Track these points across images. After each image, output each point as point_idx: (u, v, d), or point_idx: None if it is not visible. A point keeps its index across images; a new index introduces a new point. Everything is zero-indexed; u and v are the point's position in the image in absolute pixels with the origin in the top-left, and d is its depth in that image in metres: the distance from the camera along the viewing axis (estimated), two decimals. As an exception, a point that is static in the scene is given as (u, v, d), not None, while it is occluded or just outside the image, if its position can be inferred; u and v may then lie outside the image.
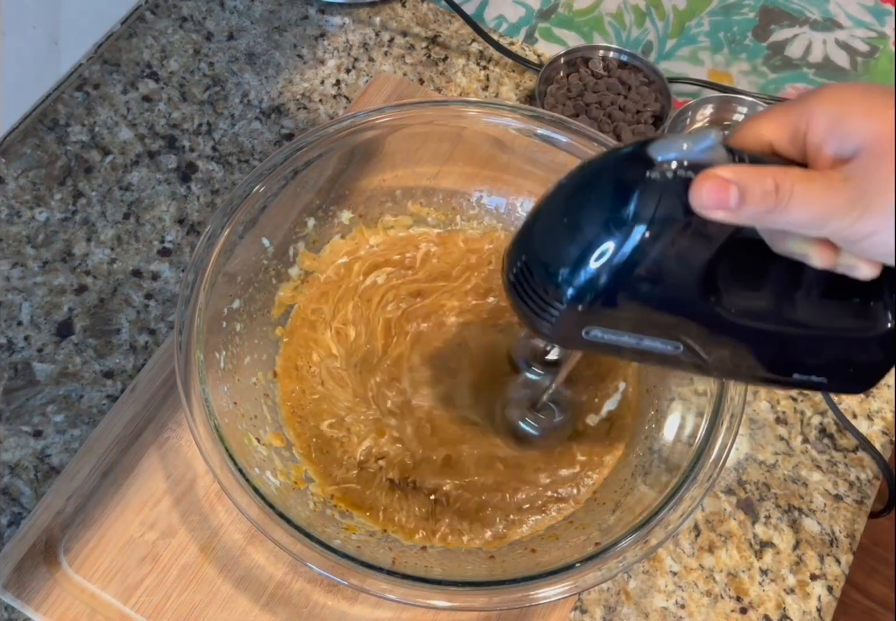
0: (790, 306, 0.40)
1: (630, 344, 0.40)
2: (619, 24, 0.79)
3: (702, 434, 0.51)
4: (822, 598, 0.57)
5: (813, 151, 0.36)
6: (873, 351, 0.42)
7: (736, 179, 0.34)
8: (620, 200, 0.36)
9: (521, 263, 0.40)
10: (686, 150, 0.35)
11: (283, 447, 0.56)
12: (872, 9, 0.80)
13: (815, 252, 0.37)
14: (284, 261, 0.60)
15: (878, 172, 0.34)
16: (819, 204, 0.34)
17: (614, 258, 0.36)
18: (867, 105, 0.35)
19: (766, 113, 0.38)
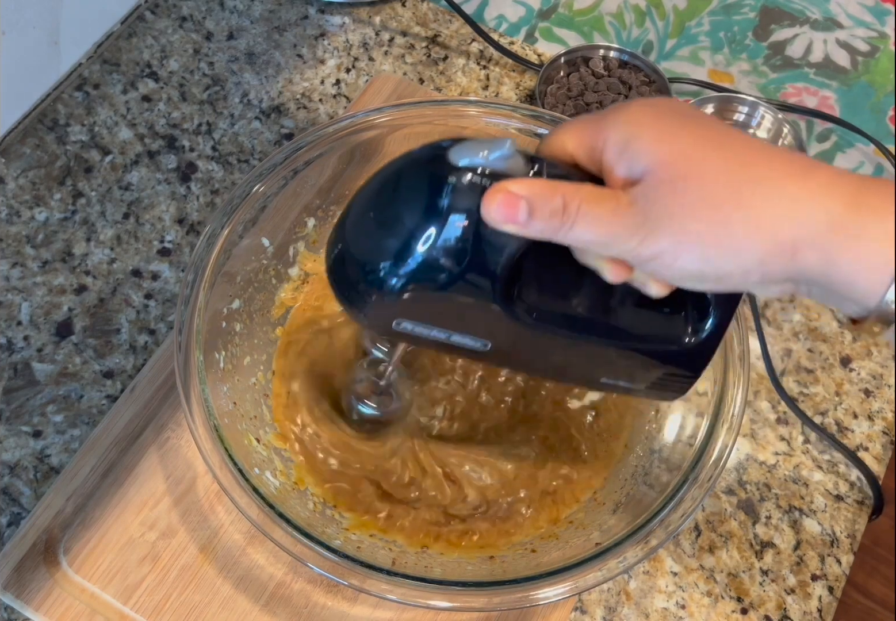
0: (596, 314, 0.41)
1: (440, 338, 0.42)
2: (620, 24, 0.78)
3: (702, 434, 0.51)
4: (823, 599, 0.57)
5: (607, 169, 0.36)
6: (678, 361, 0.43)
7: (526, 195, 0.34)
8: (421, 201, 0.37)
9: (337, 251, 0.41)
10: (482, 157, 0.36)
11: (283, 447, 0.56)
12: (873, 8, 0.80)
13: (608, 268, 0.37)
14: (284, 261, 0.60)
15: (662, 198, 0.34)
16: (603, 226, 0.34)
17: (416, 257, 0.38)
18: (658, 128, 0.35)
19: (571, 125, 0.38)
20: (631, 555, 0.48)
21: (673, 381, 0.44)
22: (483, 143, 0.37)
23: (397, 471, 0.56)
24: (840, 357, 0.64)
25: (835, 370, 0.64)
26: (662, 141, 0.34)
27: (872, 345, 0.65)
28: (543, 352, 0.43)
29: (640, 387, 0.45)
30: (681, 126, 0.35)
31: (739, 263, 0.34)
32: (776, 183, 0.33)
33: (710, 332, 0.41)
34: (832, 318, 0.66)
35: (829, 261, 0.33)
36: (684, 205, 0.34)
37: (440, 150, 0.38)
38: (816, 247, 0.33)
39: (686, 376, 0.44)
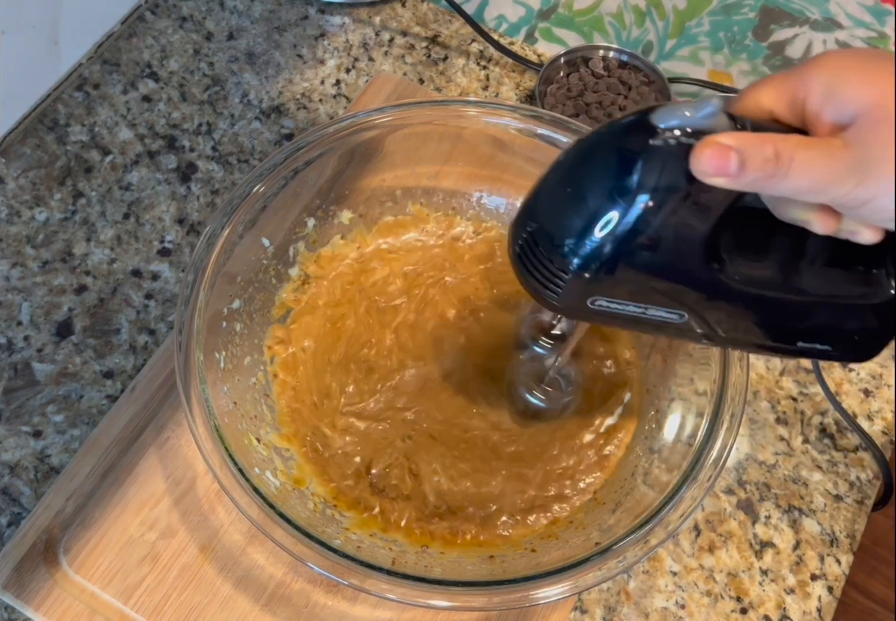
0: (795, 274, 0.41)
1: (635, 313, 0.41)
2: (620, 24, 0.79)
3: (702, 434, 0.51)
4: (823, 598, 0.57)
5: (812, 119, 0.36)
6: (876, 318, 0.42)
7: (737, 146, 0.34)
8: (623, 168, 0.36)
9: (527, 234, 0.40)
10: (688, 117, 0.35)
11: (283, 447, 0.56)
12: (872, 9, 0.80)
13: (817, 218, 0.37)
14: (284, 261, 0.60)
15: (876, 138, 0.34)
16: (819, 170, 0.34)
17: (619, 227, 0.36)
18: (864, 71, 0.35)
19: (765, 81, 0.38)
20: (630, 555, 0.48)
21: (869, 340, 0.43)
22: (684, 104, 0.36)
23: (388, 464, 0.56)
24: (840, 357, 0.64)
25: (835, 370, 0.64)
26: (870, 82, 0.34)
27: (872, 345, 0.65)
28: (741, 319, 0.42)
29: (836, 349, 0.44)
30: (885, 67, 0.35)
31: None
32: None
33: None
34: (832, 318, 0.66)
35: None
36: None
37: (641, 116, 0.36)
38: None
39: (882, 333, 0.43)
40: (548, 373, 0.57)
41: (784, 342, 0.44)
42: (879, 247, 0.38)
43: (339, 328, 0.60)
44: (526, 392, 0.58)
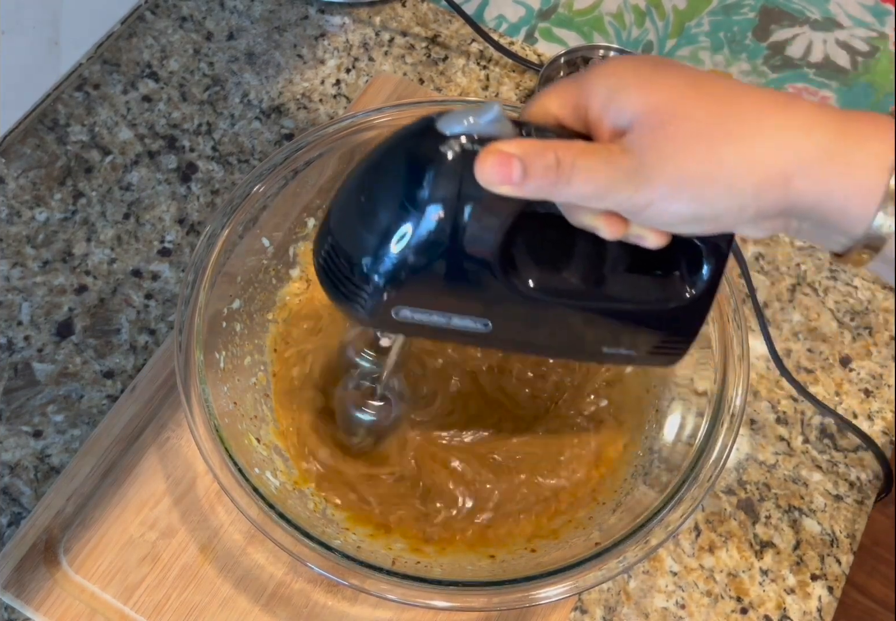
0: (595, 280, 0.41)
1: (441, 323, 0.41)
2: (620, 24, 0.79)
3: (702, 434, 0.51)
4: (823, 598, 0.57)
5: (594, 125, 0.36)
6: (676, 322, 0.43)
7: (519, 153, 0.34)
8: (411, 178, 0.37)
9: (327, 245, 0.40)
10: (471, 123, 0.35)
11: (283, 447, 0.56)
12: (872, 8, 0.80)
13: (604, 224, 0.37)
14: (284, 261, 0.60)
15: (652, 144, 0.34)
16: (599, 177, 0.34)
17: (411, 238, 0.37)
18: (641, 78, 0.35)
19: (553, 88, 0.38)
20: (631, 555, 0.48)
21: (672, 344, 0.44)
22: (468, 110, 0.36)
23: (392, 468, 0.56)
24: (840, 357, 0.64)
25: (834, 370, 0.64)
26: (645, 88, 0.35)
27: (872, 344, 0.65)
28: (544, 326, 0.43)
29: (640, 354, 0.45)
30: (662, 74, 0.36)
31: (735, 198, 0.34)
32: (762, 116, 0.34)
33: (705, 285, 0.41)
34: (832, 318, 0.66)
35: (821, 190, 0.33)
36: (676, 146, 0.34)
37: (427, 123, 0.37)
38: (808, 176, 0.33)
39: (684, 337, 0.44)
40: (377, 389, 0.55)
41: (589, 348, 0.45)
42: (674, 252, 0.39)
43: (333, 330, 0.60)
44: (355, 410, 0.56)
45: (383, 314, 0.40)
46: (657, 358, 0.45)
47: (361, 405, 0.56)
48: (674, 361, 0.46)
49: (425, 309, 0.40)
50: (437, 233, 0.37)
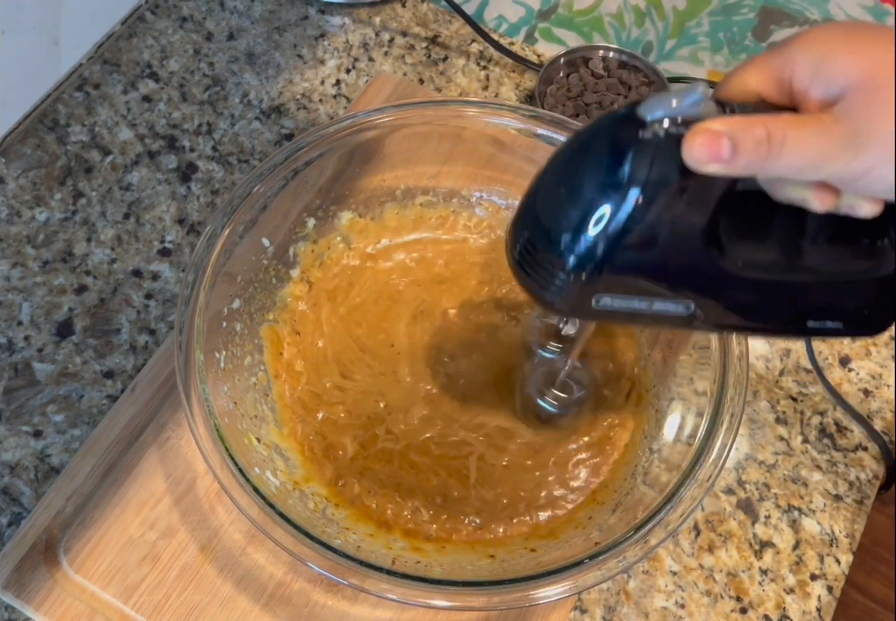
0: (798, 254, 0.40)
1: (641, 308, 0.40)
2: (619, 25, 0.79)
3: (702, 434, 0.51)
4: (822, 598, 0.57)
5: (800, 96, 0.36)
6: (884, 291, 0.42)
7: (727, 131, 0.34)
8: (615, 163, 0.36)
9: (524, 239, 0.40)
10: (675, 107, 0.35)
11: (284, 447, 0.56)
12: (872, 9, 0.80)
13: (815, 196, 0.37)
14: (284, 261, 0.60)
15: (867, 110, 0.34)
16: (812, 147, 0.34)
17: (615, 222, 0.36)
18: (849, 44, 0.35)
19: (750, 63, 0.38)
20: (630, 555, 0.48)
21: (878, 314, 0.43)
22: (670, 94, 0.35)
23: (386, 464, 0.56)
24: (839, 357, 0.64)
25: (834, 370, 0.64)
26: (856, 55, 0.34)
27: (872, 344, 0.65)
28: (747, 304, 0.42)
29: (847, 326, 0.43)
30: (870, 37, 0.35)
31: None
32: None
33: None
34: (831, 318, 0.66)
35: None
36: (892, 112, 0.33)
37: (627, 110, 0.36)
38: None
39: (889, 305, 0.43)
40: (559, 377, 0.57)
41: (794, 322, 0.43)
42: (881, 220, 0.38)
43: (338, 330, 0.60)
44: (538, 398, 0.58)
45: (584, 303, 0.40)
46: (863, 329, 0.44)
47: (544, 394, 0.57)
48: (880, 331, 0.44)
49: (627, 295, 0.40)
50: (640, 217, 0.36)
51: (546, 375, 0.58)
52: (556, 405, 0.58)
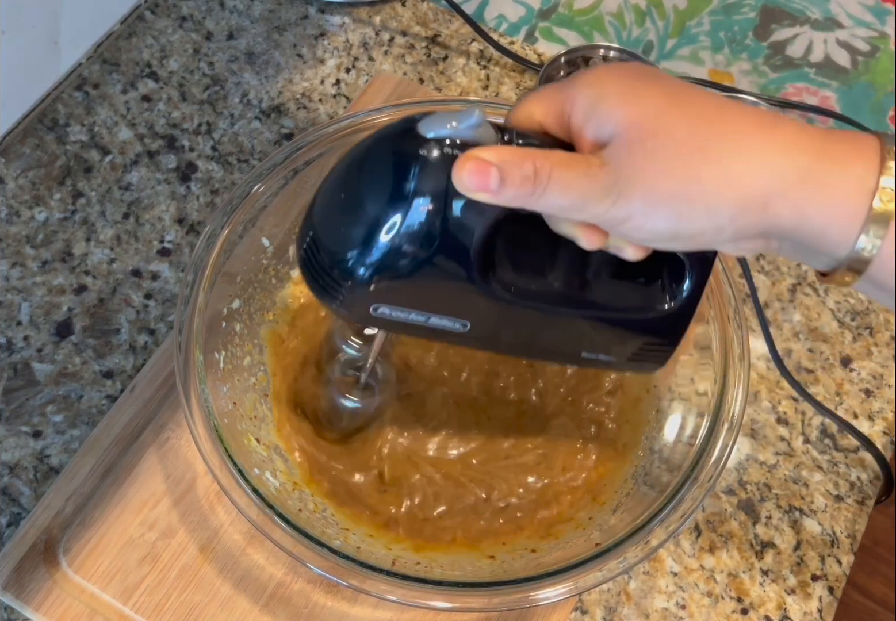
0: (574, 286, 0.41)
1: (419, 321, 0.41)
2: (620, 24, 0.78)
3: (702, 434, 0.51)
4: (823, 599, 0.57)
5: (576, 134, 0.36)
6: (657, 330, 0.43)
7: (497, 161, 0.34)
8: (391, 177, 0.37)
9: (309, 239, 0.40)
10: (452, 127, 0.36)
11: (283, 448, 0.56)
12: (873, 8, 0.80)
13: (582, 234, 0.37)
14: (284, 261, 0.60)
15: (630, 159, 0.34)
16: (575, 190, 0.34)
17: (389, 237, 0.37)
18: (622, 89, 0.35)
19: (538, 93, 0.38)
20: (631, 556, 0.48)
21: (652, 352, 0.44)
22: (451, 114, 0.36)
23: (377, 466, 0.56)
24: (840, 357, 0.64)
25: (835, 370, 0.64)
26: (628, 101, 0.35)
27: (873, 345, 0.65)
28: (523, 329, 0.43)
29: (620, 360, 0.45)
30: (645, 86, 0.35)
31: (712, 219, 0.34)
32: (742, 136, 0.34)
33: (687, 297, 0.41)
34: (832, 318, 0.66)
35: (800, 213, 0.33)
36: (654, 163, 0.34)
37: (409, 124, 0.37)
38: (787, 200, 0.33)
39: (665, 345, 0.44)
40: (361, 377, 0.56)
41: (567, 352, 0.45)
42: (656, 262, 0.39)
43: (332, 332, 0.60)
44: (339, 396, 0.57)
45: (362, 310, 0.41)
46: (637, 364, 0.45)
47: (346, 392, 0.57)
48: (654, 369, 0.46)
49: (403, 307, 0.41)
50: (416, 233, 0.37)
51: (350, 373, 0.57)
52: (358, 402, 0.57)
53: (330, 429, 0.57)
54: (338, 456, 0.56)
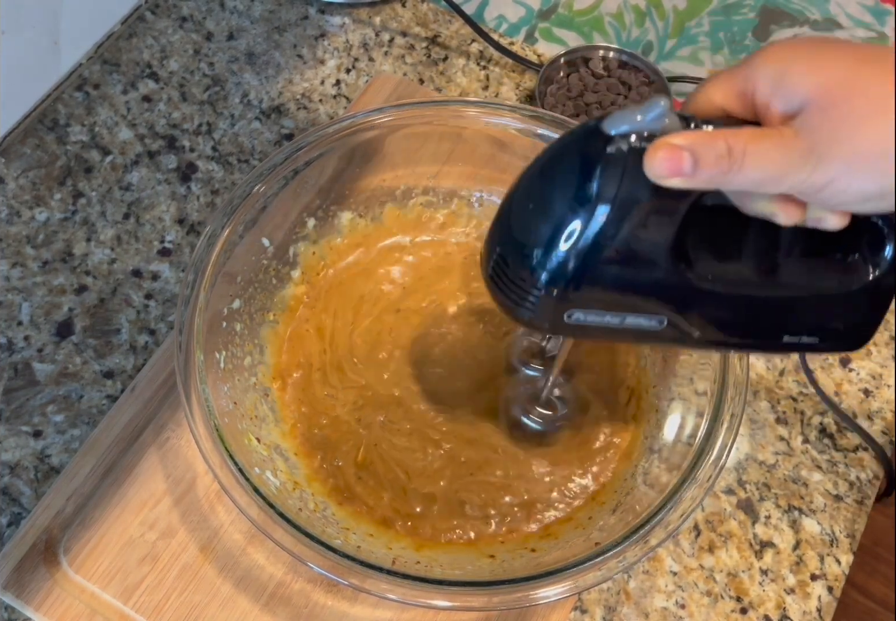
0: (770, 268, 0.40)
1: (614, 323, 0.41)
2: (620, 24, 0.79)
3: (702, 434, 0.51)
4: (823, 598, 0.57)
5: (762, 111, 0.36)
6: (859, 305, 0.42)
7: (688, 145, 0.34)
8: (582, 179, 0.36)
9: (497, 255, 0.40)
10: (638, 121, 0.35)
11: (284, 447, 0.56)
12: (872, 9, 0.80)
13: (781, 209, 0.37)
14: (284, 261, 0.60)
15: (827, 123, 0.34)
16: (773, 160, 0.34)
17: (583, 238, 0.37)
18: (808, 59, 0.35)
19: (714, 78, 0.38)
20: (630, 555, 0.48)
21: (855, 328, 0.43)
22: (634, 108, 0.36)
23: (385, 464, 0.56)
24: (840, 357, 0.64)
25: (834, 370, 0.64)
26: (815, 68, 0.34)
27: (872, 344, 0.65)
28: (719, 319, 0.42)
29: (823, 341, 0.43)
30: (828, 52, 0.35)
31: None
32: None
33: (889, 263, 0.40)
34: (832, 318, 0.66)
35: None
36: (850, 124, 0.33)
37: (592, 125, 0.37)
38: None
39: (869, 320, 0.43)
40: (542, 395, 0.57)
41: (768, 338, 0.44)
42: (852, 233, 0.38)
43: (337, 330, 0.60)
44: (522, 415, 0.57)
45: (556, 318, 0.40)
46: (840, 343, 0.44)
47: (529, 412, 0.57)
48: (857, 347, 0.44)
49: (599, 310, 0.40)
50: (610, 232, 0.37)
51: (530, 393, 0.58)
52: (540, 422, 0.57)
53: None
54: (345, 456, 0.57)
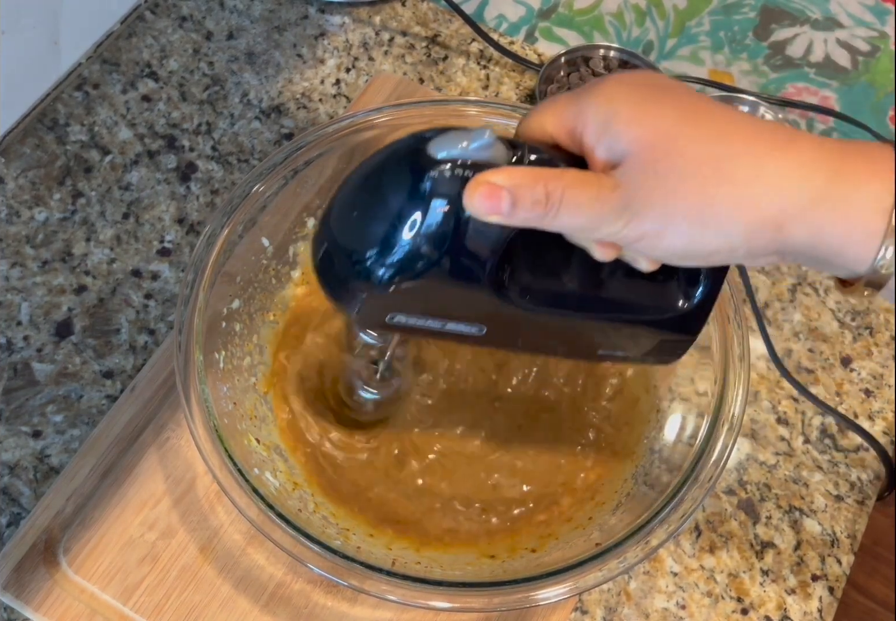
0: (589, 289, 0.41)
1: (435, 327, 0.42)
2: (620, 24, 0.78)
3: (702, 434, 0.51)
4: (823, 599, 0.57)
5: (588, 152, 0.36)
6: (673, 328, 0.43)
7: (508, 185, 0.34)
8: (403, 197, 0.37)
9: (324, 251, 0.41)
10: (464, 149, 0.36)
11: (284, 448, 0.56)
12: (873, 8, 0.80)
13: (595, 248, 0.37)
14: (284, 261, 0.60)
15: (643, 180, 0.34)
16: (587, 212, 0.34)
17: (404, 252, 0.38)
18: (634, 107, 0.35)
19: (550, 105, 0.38)
20: (631, 556, 0.48)
21: (670, 346, 0.44)
22: (462, 133, 0.36)
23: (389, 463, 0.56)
24: (840, 357, 0.64)
25: (835, 370, 0.64)
26: (640, 120, 0.34)
27: (873, 345, 0.65)
28: (539, 331, 0.43)
29: (637, 355, 0.45)
30: (658, 101, 0.35)
31: (725, 240, 0.34)
32: (757, 157, 0.33)
33: (702, 297, 0.42)
34: (832, 318, 0.66)
35: (816, 234, 0.33)
36: (667, 185, 0.33)
37: (420, 143, 0.37)
38: (802, 221, 0.33)
39: (683, 340, 0.44)
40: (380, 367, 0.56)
41: (584, 350, 0.46)
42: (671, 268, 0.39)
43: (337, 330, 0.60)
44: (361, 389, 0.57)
45: (378, 318, 0.41)
46: (654, 358, 0.46)
47: (366, 382, 0.57)
48: (671, 361, 0.46)
49: (419, 315, 0.41)
50: (426, 251, 0.37)
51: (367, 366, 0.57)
52: (376, 392, 0.57)
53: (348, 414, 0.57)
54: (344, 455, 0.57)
